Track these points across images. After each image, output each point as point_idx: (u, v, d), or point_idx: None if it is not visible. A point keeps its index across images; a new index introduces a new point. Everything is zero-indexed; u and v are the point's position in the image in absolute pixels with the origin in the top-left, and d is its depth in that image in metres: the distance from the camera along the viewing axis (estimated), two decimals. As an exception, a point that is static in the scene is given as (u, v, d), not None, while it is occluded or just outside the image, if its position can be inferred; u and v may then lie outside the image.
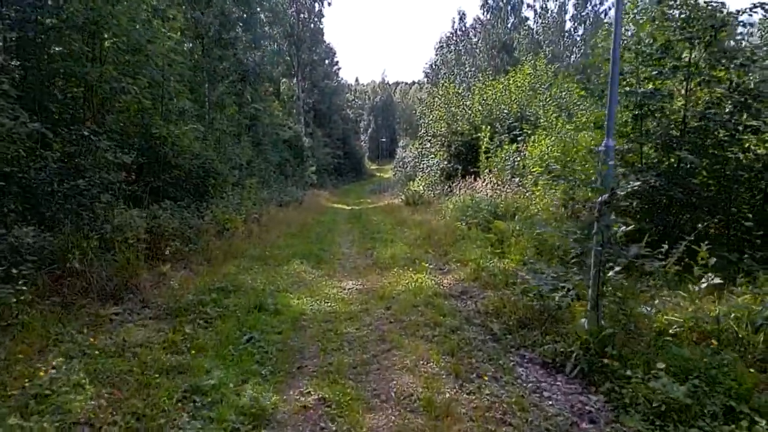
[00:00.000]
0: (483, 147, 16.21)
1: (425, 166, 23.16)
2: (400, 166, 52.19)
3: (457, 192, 15.82)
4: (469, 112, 19.57)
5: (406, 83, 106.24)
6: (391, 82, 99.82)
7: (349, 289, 7.31)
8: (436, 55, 61.59)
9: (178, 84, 13.49)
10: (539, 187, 10.64)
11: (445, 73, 51.79)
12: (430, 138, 22.36)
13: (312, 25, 44.69)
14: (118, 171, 8.77)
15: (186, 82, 18.56)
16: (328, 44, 51.69)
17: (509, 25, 45.93)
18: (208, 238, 10.13)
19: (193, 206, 11.73)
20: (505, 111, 18.56)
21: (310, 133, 43.34)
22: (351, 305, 6.36)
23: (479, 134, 18.24)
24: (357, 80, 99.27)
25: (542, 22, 42.45)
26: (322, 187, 38.65)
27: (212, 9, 16.13)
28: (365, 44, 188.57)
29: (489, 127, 16.68)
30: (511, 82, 19.50)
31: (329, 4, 44.09)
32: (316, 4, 44.06)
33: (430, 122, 23.05)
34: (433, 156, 21.55)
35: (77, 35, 8.77)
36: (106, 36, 9.26)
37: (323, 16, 44.96)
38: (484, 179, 14.98)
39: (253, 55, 19.24)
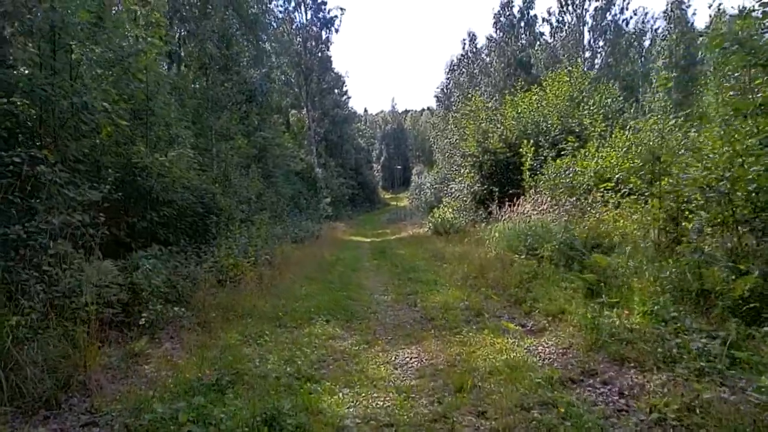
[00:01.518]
0: (527, 164, 13.96)
1: (453, 190, 20.90)
2: (416, 194, 50.44)
3: (501, 217, 13.53)
4: (501, 127, 17.40)
5: (416, 111, 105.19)
6: (400, 111, 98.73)
7: (402, 367, 4.98)
8: (447, 78, 60.17)
9: (169, 106, 11.56)
10: (626, 206, 8.36)
11: (458, 96, 50.13)
12: (458, 159, 20.15)
13: (320, 54, 43.36)
14: (85, 211, 6.64)
15: (187, 110, 16.87)
16: (337, 72, 50.38)
17: (524, 42, 44.27)
18: (205, 293, 7.92)
19: (190, 250, 9.59)
20: (544, 124, 16.38)
21: (322, 163, 41.62)
22: (415, 404, 4.01)
23: (519, 150, 16.05)
24: (366, 110, 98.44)
25: (560, 36, 40.66)
26: (338, 219, 36.63)
27: (210, 21, 14.32)
28: (372, 75, 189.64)
29: (531, 141, 14.46)
30: (548, 91, 17.37)
31: (336, 31, 42.65)
32: (323, 32, 42.83)
33: (457, 141, 20.94)
34: (462, 179, 19.32)
35: (30, 41, 6.83)
36: (72, 44, 7.27)
37: (331, 43, 43.69)
38: (533, 201, 12.68)
39: (257, 72, 17.33)
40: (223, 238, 11.24)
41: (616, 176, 10.03)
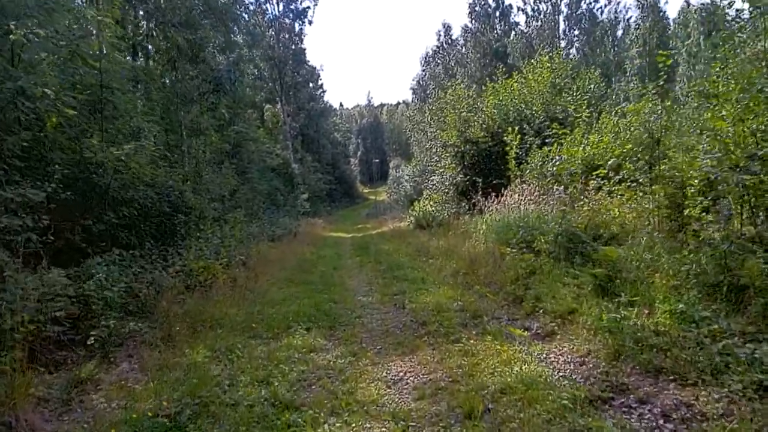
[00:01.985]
0: (512, 153, 13.39)
1: (434, 182, 20.28)
2: (395, 188, 49.80)
3: (487, 209, 12.94)
4: (483, 116, 16.80)
5: (392, 104, 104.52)
6: (376, 104, 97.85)
7: (396, 384, 4.29)
8: (423, 70, 59.53)
9: (129, 96, 10.67)
10: (619, 194, 7.83)
11: (434, 88, 49.56)
12: (439, 150, 19.53)
13: (293, 46, 42.26)
14: (28, 214, 5.80)
15: (154, 104, 15.89)
16: (311, 65, 49.27)
17: (499, 32, 43.85)
18: (171, 301, 7.12)
19: (156, 253, 8.76)
20: (528, 111, 15.83)
21: (299, 158, 40.63)
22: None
23: (502, 139, 15.48)
24: (341, 105, 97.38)
25: (535, 25, 40.31)
26: (317, 215, 35.79)
27: (173, 4, 13.33)
28: (347, 69, 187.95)
29: (516, 129, 13.89)
30: (530, 77, 16.82)
31: (310, 23, 41.60)
32: (296, 24, 41.74)
33: (436, 132, 20.34)
34: (443, 170, 18.70)
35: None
36: (11, 25, 6.37)
37: (305, 35, 42.64)
38: (520, 190, 12.11)
39: (225, 59, 16.25)
40: (193, 239, 10.40)
41: (608, 162, 9.52)
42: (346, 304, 7.71)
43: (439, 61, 54.23)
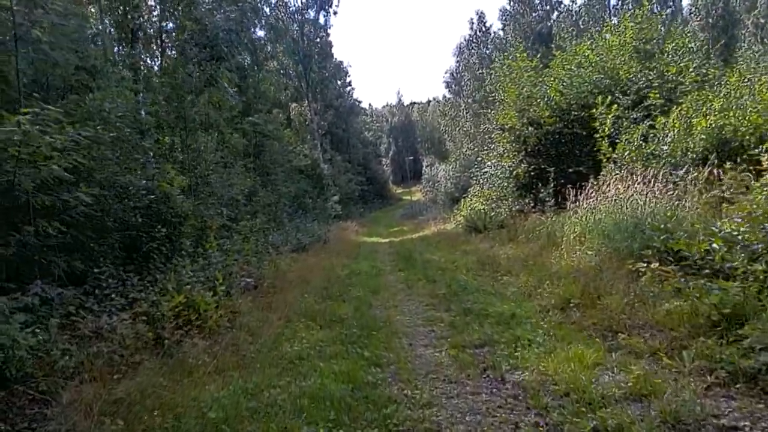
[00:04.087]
0: (606, 129, 10.10)
1: (486, 175, 17.05)
2: (430, 187, 46.91)
3: (573, 204, 9.71)
4: (549, 93, 13.49)
5: (423, 102, 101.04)
6: (406, 103, 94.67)
7: None
8: (457, 61, 56.14)
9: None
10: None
11: (468, 79, 46.24)
12: (494, 135, 16.30)
13: (318, 40, 39.59)
14: None
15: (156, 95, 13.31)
16: (338, 60, 46.64)
17: (541, 12, 40.21)
18: (98, 377, 4.25)
19: (114, 286, 5.92)
20: (609, 81, 12.48)
21: (328, 159, 37.95)
22: None
23: (577, 118, 12.25)
24: (371, 105, 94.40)
25: (582, 2, 36.57)
26: (348, 218, 33.03)
27: None
28: (374, 68, 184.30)
29: (607, 100, 10.59)
30: (609, 42, 13.44)
31: (335, 13, 38.85)
32: (321, 15, 39.04)
33: (491, 115, 17.19)
34: (497, 161, 15.48)
35: None
36: None
37: (330, 26, 39.99)
38: (623, 178, 8.83)
39: (222, 13, 13.09)
40: (185, 258, 7.55)
41: None
42: (400, 372, 4.63)
43: (473, 50, 50.84)
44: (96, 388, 4.17)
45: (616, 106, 10.41)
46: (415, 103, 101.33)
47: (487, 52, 47.57)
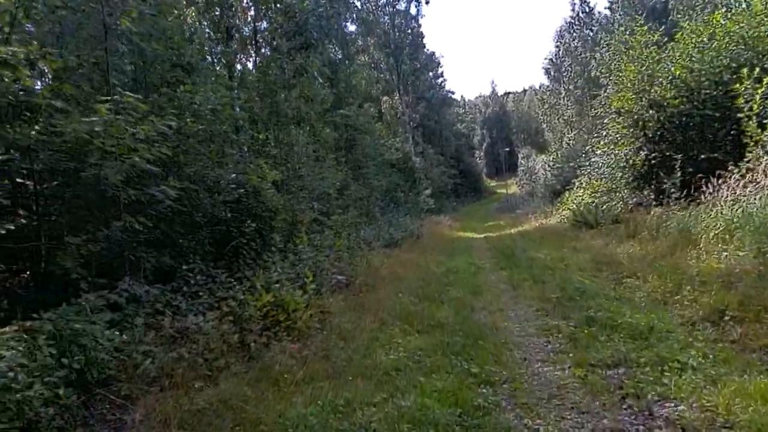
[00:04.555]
0: (754, 108, 8.51)
1: (598, 165, 15.49)
2: (527, 179, 44.88)
3: (717, 196, 8.26)
4: (673, 70, 11.77)
5: (518, 92, 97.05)
6: (501, 93, 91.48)
7: None
8: (557, 46, 53.08)
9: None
10: None
11: (570, 64, 43.36)
12: (607, 120, 14.74)
13: (410, 31, 39.01)
14: None
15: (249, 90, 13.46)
16: (430, 51, 45.75)
17: (654, -13, 36.67)
18: (179, 385, 3.93)
19: (201, 284, 5.70)
20: (749, 52, 10.63)
21: (420, 152, 37.36)
22: None
23: (709, 96, 10.61)
24: (463, 97, 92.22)
25: (703, -29, 32.71)
26: (441, 212, 32.26)
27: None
28: (466, 59, 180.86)
29: (755, 70, 8.93)
30: (756, 4, 11.47)
31: (427, 2, 38.07)
32: (413, 6, 38.37)
33: (607, 97, 15.65)
34: (612, 148, 13.95)
35: None
36: None
37: (422, 16, 39.25)
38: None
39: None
40: (275, 254, 7.29)
41: None
42: (516, 395, 3.88)
43: (575, 33, 47.72)
44: (177, 397, 3.85)
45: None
46: (509, 92, 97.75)
47: (591, 34, 44.43)
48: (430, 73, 47.58)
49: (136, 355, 4.07)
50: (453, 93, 61.88)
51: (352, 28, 32.10)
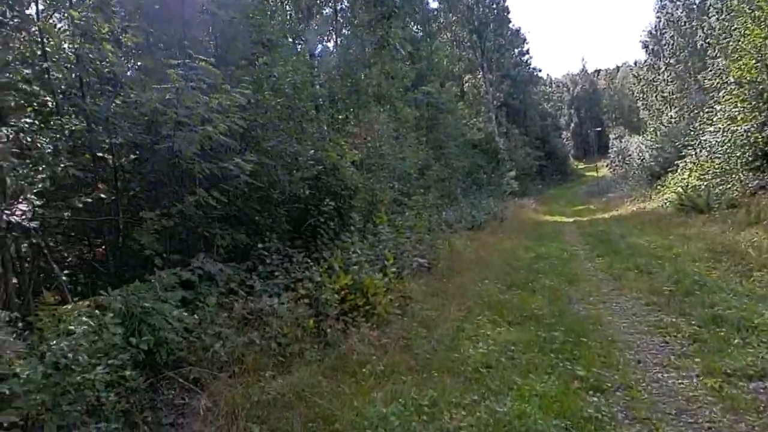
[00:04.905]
0: None
1: (709, 144, 13.82)
2: (620, 161, 41.97)
3: None
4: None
5: (610, 69, 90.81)
6: (591, 70, 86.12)
7: None
8: (657, 17, 48.81)
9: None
10: None
11: (672, 36, 39.71)
12: (723, 93, 13.08)
13: (494, 6, 37.29)
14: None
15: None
16: (516, 28, 43.62)
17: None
18: (257, 370, 3.65)
19: (277, 263, 5.44)
20: None
21: (504, 132, 35.89)
22: None
23: None
24: (549, 75, 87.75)
25: None
26: (525, 195, 30.85)
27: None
28: (553, 35, 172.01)
29: None
30: None
31: (512, -25, 36.07)
32: (496, -23, 36.57)
33: (723, 66, 13.97)
34: (728, 124, 12.32)
35: None
36: None
37: (507, -13, 37.38)
38: None
39: None
40: (353, 234, 6.94)
41: None
42: (633, 406, 3.24)
43: (679, 2, 43.53)
44: (247, 384, 3.58)
45: None
46: (600, 70, 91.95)
47: (697, 1, 40.33)
48: (515, 50, 45.44)
49: (206, 337, 3.84)
50: (539, 71, 58.79)
51: (434, 5, 31.21)
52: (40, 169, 3.67)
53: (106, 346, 3.12)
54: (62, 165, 3.78)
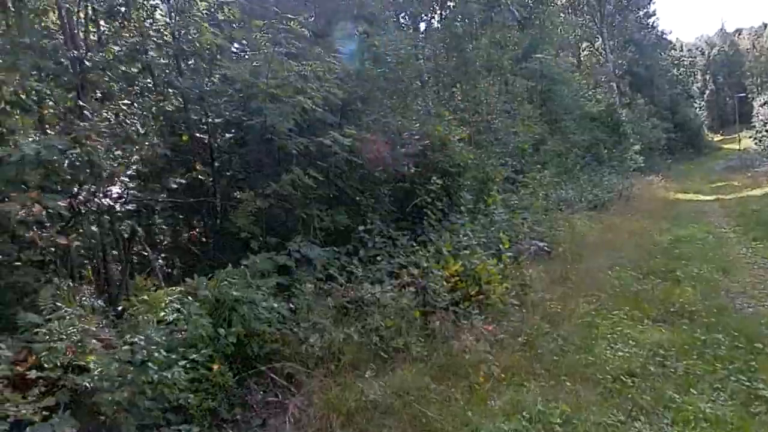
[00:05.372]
0: None
1: None
2: (767, 131, 36.75)
3: None
4: None
5: (754, 27, 79.36)
6: (730, 30, 76.16)
7: None
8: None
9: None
10: None
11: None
12: None
13: (616, -37, 33.89)
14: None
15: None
16: (640, -15, 39.41)
17: None
18: (356, 368, 3.22)
19: (381, 245, 5.01)
20: None
21: (627, 103, 32.70)
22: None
23: None
24: (678, 39, 78.97)
25: None
26: (652, 171, 27.86)
27: None
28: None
29: None
30: None
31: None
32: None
33: None
34: None
35: None
36: None
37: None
38: None
39: None
40: (464, 215, 6.33)
41: None
42: None
43: None
44: (344, 385, 3.16)
45: None
46: (741, 29, 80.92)
47: None
48: (640, 12, 41.17)
49: (301, 328, 3.48)
50: (668, 34, 52.97)
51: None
52: (134, 150, 3.49)
53: (192, 337, 2.85)
54: (153, 145, 3.58)
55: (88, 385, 2.38)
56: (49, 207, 2.63)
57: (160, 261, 3.76)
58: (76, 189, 3.04)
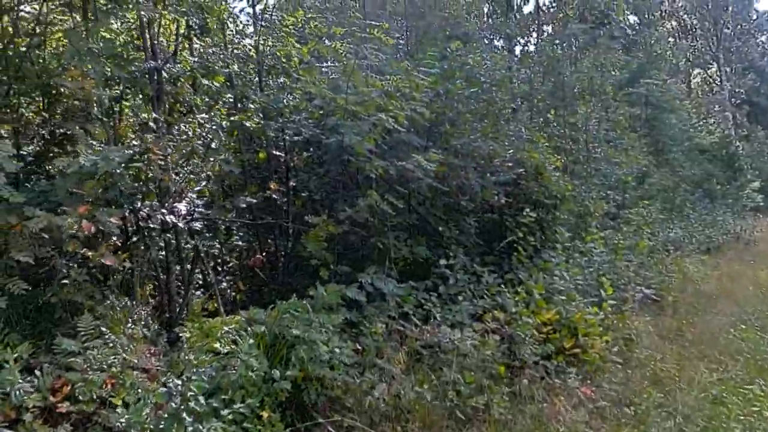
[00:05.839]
0: None
1: None
2: None
3: None
4: None
5: None
6: None
7: None
8: None
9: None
10: None
11: None
12: None
13: (734, -17, 31.27)
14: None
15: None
16: (764, 10, 36.08)
17: None
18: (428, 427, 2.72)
19: (473, 280, 4.51)
20: None
21: (744, 135, 29.73)
22: None
23: None
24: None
25: None
26: (771, 211, 24.93)
27: None
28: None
29: None
30: None
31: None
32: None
33: None
34: None
35: None
36: None
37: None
38: None
39: None
40: (561, 254, 5.68)
41: None
42: None
43: None
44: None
45: None
46: None
47: None
48: (763, 37, 37.65)
49: (368, 375, 3.05)
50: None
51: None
52: (203, 166, 3.28)
53: (242, 379, 2.51)
54: (224, 162, 3.37)
55: (120, 424, 2.10)
56: (100, 222, 2.45)
57: (223, 284, 3.51)
58: (138, 204, 2.86)
